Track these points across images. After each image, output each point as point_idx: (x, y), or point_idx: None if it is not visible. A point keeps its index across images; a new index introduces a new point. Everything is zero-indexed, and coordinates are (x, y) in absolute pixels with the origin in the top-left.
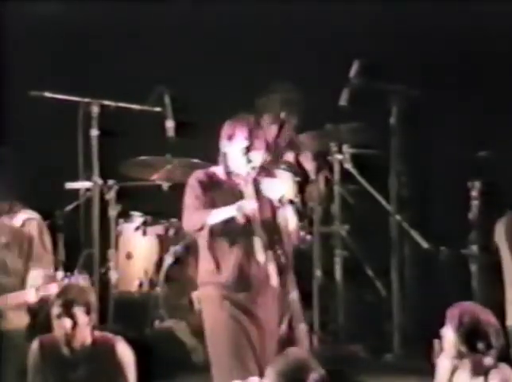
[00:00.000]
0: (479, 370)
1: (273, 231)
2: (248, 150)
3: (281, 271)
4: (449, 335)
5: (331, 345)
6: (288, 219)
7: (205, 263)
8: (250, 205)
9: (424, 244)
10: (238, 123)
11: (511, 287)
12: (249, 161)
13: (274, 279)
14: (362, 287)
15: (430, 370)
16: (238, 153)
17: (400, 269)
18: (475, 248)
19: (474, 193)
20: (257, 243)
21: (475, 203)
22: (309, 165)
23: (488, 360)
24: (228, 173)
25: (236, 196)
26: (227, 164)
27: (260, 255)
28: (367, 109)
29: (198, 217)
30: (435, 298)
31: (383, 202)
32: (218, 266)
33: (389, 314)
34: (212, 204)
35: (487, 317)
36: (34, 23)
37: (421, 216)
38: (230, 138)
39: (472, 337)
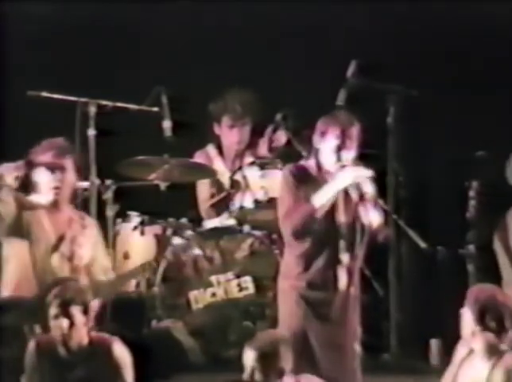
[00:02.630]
0: (492, 353)
1: (353, 233)
2: (339, 148)
3: (352, 274)
4: (466, 315)
5: None
6: (372, 217)
7: (291, 260)
8: (365, 172)
9: (422, 244)
10: (331, 121)
11: (507, 288)
12: (338, 159)
13: (343, 282)
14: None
15: (427, 370)
16: (329, 150)
17: (397, 269)
18: (472, 248)
19: (471, 193)
20: (342, 245)
21: (472, 203)
22: None
23: (503, 346)
24: (320, 169)
25: None
26: (319, 160)
27: (344, 257)
28: (365, 109)
29: (298, 215)
30: (432, 297)
31: (380, 202)
32: (305, 269)
33: (386, 314)
34: (306, 198)
35: (505, 298)
36: (33, 23)
37: (419, 216)
38: (322, 135)
39: (486, 316)
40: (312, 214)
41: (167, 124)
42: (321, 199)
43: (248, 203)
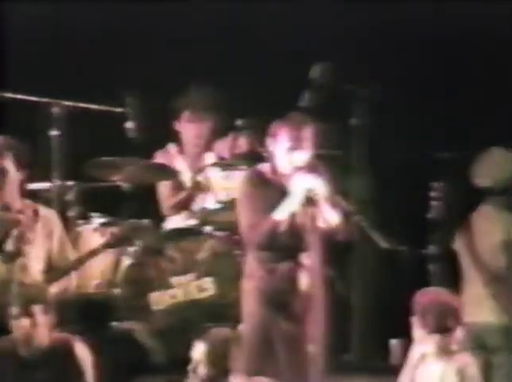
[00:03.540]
0: (443, 354)
1: (313, 234)
2: (292, 150)
3: (313, 275)
4: (415, 321)
5: None
6: (329, 217)
7: (254, 262)
8: (315, 179)
9: (385, 244)
10: (283, 123)
11: (469, 289)
12: (292, 161)
13: (304, 283)
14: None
15: (388, 369)
16: (282, 153)
17: (360, 269)
18: (434, 249)
19: (434, 194)
20: (302, 247)
21: (434, 203)
22: None
23: (454, 346)
24: (275, 172)
25: (284, 194)
26: (274, 163)
27: (304, 258)
28: (329, 110)
29: (262, 230)
30: (394, 297)
31: (343, 202)
32: (268, 272)
33: (348, 314)
34: (264, 203)
35: (447, 299)
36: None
37: (382, 217)
38: (275, 137)
39: (431, 318)
40: (275, 228)
41: (131, 125)
42: (283, 213)
43: (210, 204)
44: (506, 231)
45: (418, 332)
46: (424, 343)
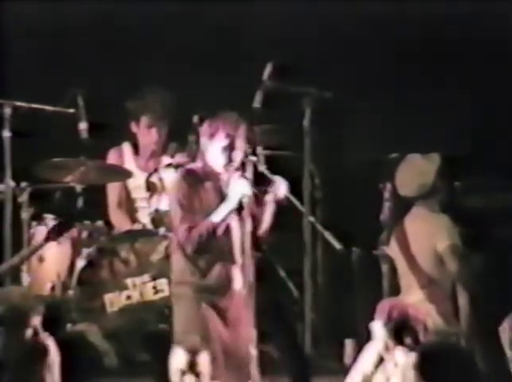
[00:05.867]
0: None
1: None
2: (227, 149)
3: (246, 274)
4: (377, 329)
5: None
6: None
7: (183, 265)
8: (247, 190)
9: (337, 245)
10: (219, 122)
11: (407, 294)
12: (229, 160)
13: (238, 283)
14: (274, 288)
15: (341, 370)
16: (218, 152)
17: (312, 270)
18: (386, 249)
19: (385, 195)
20: (236, 247)
21: (386, 204)
22: None
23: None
24: (207, 171)
25: (218, 194)
26: (207, 162)
27: (237, 257)
28: (281, 111)
29: (199, 232)
30: (347, 298)
31: (297, 203)
32: (202, 275)
33: (301, 315)
34: (197, 203)
35: (416, 313)
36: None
37: (334, 217)
38: (211, 136)
39: (400, 331)
40: (212, 231)
41: (83, 126)
42: (220, 216)
43: (164, 205)
44: (439, 233)
45: (381, 339)
46: (386, 352)
